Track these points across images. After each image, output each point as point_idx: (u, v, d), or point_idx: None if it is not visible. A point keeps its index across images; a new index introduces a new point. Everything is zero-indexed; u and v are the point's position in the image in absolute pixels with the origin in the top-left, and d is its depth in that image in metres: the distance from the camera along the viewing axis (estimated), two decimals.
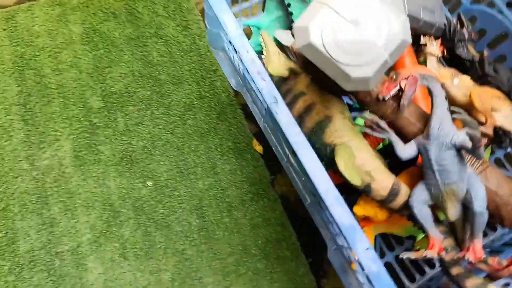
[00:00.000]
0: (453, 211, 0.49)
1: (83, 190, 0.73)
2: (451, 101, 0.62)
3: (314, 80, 0.54)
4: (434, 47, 0.62)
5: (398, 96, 0.50)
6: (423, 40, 0.62)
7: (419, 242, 0.64)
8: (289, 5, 0.63)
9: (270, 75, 0.57)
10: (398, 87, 0.49)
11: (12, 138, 0.76)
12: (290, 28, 0.66)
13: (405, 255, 0.50)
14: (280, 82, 0.59)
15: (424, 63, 0.64)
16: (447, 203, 0.49)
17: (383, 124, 0.52)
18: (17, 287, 0.67)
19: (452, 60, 0.66)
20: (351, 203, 0.60)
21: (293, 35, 0.65)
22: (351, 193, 0.61)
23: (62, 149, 0.76)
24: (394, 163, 0.58)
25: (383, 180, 0.51)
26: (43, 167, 0.74)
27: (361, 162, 0.51)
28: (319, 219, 0.64)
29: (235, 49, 0.55)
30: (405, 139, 0.53)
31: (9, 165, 0.74)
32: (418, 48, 0.63)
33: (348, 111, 0.55)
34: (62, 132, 0.77)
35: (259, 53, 0.64)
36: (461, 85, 0.60)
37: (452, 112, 0.48)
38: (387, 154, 0.59)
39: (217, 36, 0.68)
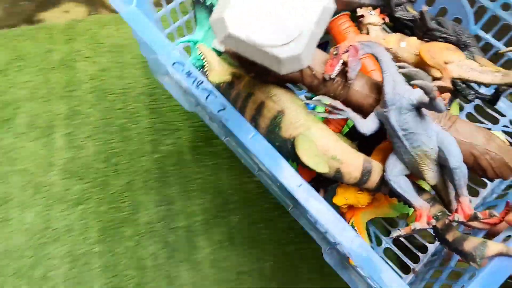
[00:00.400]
0: (430, 174, 0.46)
1: (199, 177, 0.81)
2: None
3: (255, 77, 0.51)
4: (373, 17, 0.61)
5: (344, 72, 0.48)
6: (359, 11, 0.60)
7: (411, 217, 0.60)
8: (212, 6, 0.61)
9: (217, 86, 0.54)
10: (341, 61, 0.47)
11: (138, 122, 0.85)
12: None
13: (394, 234, 0.46)
14: (226, 90, 0.56)
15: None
16: (422, 168, 0.46)
17: (338, 104, 0.49)
18: (135, 252, 0.75)
19: (395, 25, 0.64)
20: (331, 197, 0.57)
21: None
22: (327, 185, 0.58)
23: (182, 138, 0.84)
24: (365, 143, 0.56)
25: (351, 161, 0.48)
26: (164, 151, 0.83)
27: (324, 148, 0.48)
28: (306, 222, 0.60)
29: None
30: (365, 113, 0.51)
31: (135, 146, 0.83)
32: (358, 22, 0.61)
33: (300, 99, 0.52)
34: (183, 124, 0.85)
35: (202, 67, 0.62)
36: (409, 46, 0.58)
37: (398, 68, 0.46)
38: (355, 135, 0.56)
39: (155, 61, 0.65)
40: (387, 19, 0.62)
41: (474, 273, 0.44)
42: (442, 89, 0.52)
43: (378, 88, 0.49)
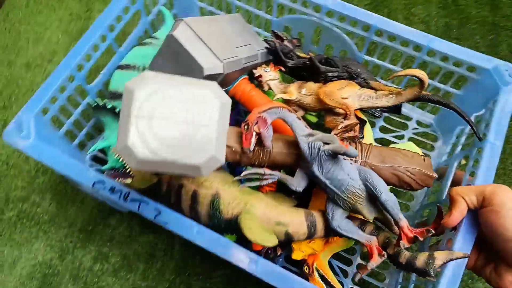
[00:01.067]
0: (366, 210, 0.49)
1: None
2: (310, 109, 0.64)
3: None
4: (269, 73, 0.64)
5: (260, 140, 0.50)
6: (256, 72, 0.63)
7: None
8: (114, 108, 0.61)
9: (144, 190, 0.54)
10: (254, 134, 0.49)
11: None
12: None
13: (356, 277, 0.48)
14: (155, 186, 0.56)
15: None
16: (357, 206, 0.49)
17: (266, 170, 0.51)
18: None
19: (293, 72, 0.68)
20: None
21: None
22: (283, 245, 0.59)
23: None
24: (301, 193, 0.58)
25: (295, 219, 0.50)
26: None
27: (267, 217, 0.49)
28: None
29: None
30: (292, 168, 0.53)
31: None
32: (258, 82, 0.64)
33: (230, 176, 0.54)
34: None
35: (123, 167, 0.61)
36: (309, 92, 0.62)
37: (309, 136, 0.49)
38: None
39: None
40: (283, 69, 0.66)
41: (433, 286, 0.48)
42: (350, 126, 0.56)
43: (295, 144, 0.52)
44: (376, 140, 0.70)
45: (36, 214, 0.72)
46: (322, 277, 0.61)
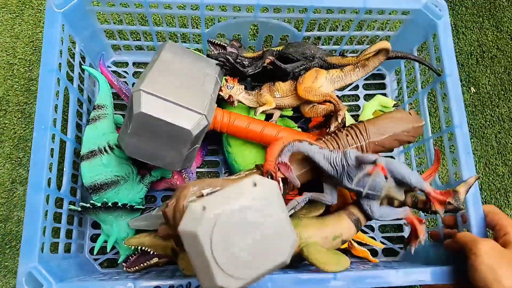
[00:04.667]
0: (398, 195, 0.51)
1: None
2: (288, 107, 0.64)
3: None
4: (233, 89, 0.62)
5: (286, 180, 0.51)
6: (224, 95, 0.61)
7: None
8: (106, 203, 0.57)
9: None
10: (280, 180, 0.49)
11: None
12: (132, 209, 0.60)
13: (412, 249, 0.53)
14: None
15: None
16: (391, 195, 0.51)
17: (297, 200, 0.52)
18: None
19: (252, 78, 0.67)
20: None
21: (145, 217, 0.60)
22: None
23: None
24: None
25: (344, 226, 0.53)
26: None
27: (323, 239, 0.52)
28: None
29: None
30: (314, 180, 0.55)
31: None
32: (229, 102, 0.62)
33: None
34: None
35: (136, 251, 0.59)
36: (284, 94, 0.62)
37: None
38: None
39: None
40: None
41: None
42: (343, 113, 0.58)
43: (307, 159, 0.53)
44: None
45: None
46: (360, 243, 0.67)
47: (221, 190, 0.36)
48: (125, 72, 0.75)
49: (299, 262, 0.53)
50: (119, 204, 0.56)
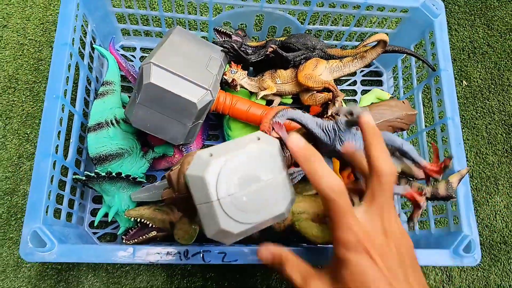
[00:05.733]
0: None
1: None
2: (288, 94, 0.67)
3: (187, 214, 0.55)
4: (237, 73, 0.65)
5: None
6: (227, 79, 0.64)
7: None
8: (110, 172, 0.59)
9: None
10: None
11: None
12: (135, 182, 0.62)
13: (416, 225, 0.55)
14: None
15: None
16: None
17: (293, 170, 0.54)
18: None
19: (254, 66, 0.69)
20: None
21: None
22: None
23: None
24: None
25: None
26: None
27: (314, 215, 0.53)
28: None
29: None
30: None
31: None
32: (232, 86, 0.65)
33: None
34: None
35: (135, 223, 0.60)
36: (284, 80, 0.65)
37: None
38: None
39: None
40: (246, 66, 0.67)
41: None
42: (341, 99, 0.61)
43: (305, 134, 0.55)
44: None
45: None
46: None
47: (226, 142, 0.38)
48: (132, 56, 0.77)
49: (291, 234, 0.55)
50: (123, 174, 0.58)
